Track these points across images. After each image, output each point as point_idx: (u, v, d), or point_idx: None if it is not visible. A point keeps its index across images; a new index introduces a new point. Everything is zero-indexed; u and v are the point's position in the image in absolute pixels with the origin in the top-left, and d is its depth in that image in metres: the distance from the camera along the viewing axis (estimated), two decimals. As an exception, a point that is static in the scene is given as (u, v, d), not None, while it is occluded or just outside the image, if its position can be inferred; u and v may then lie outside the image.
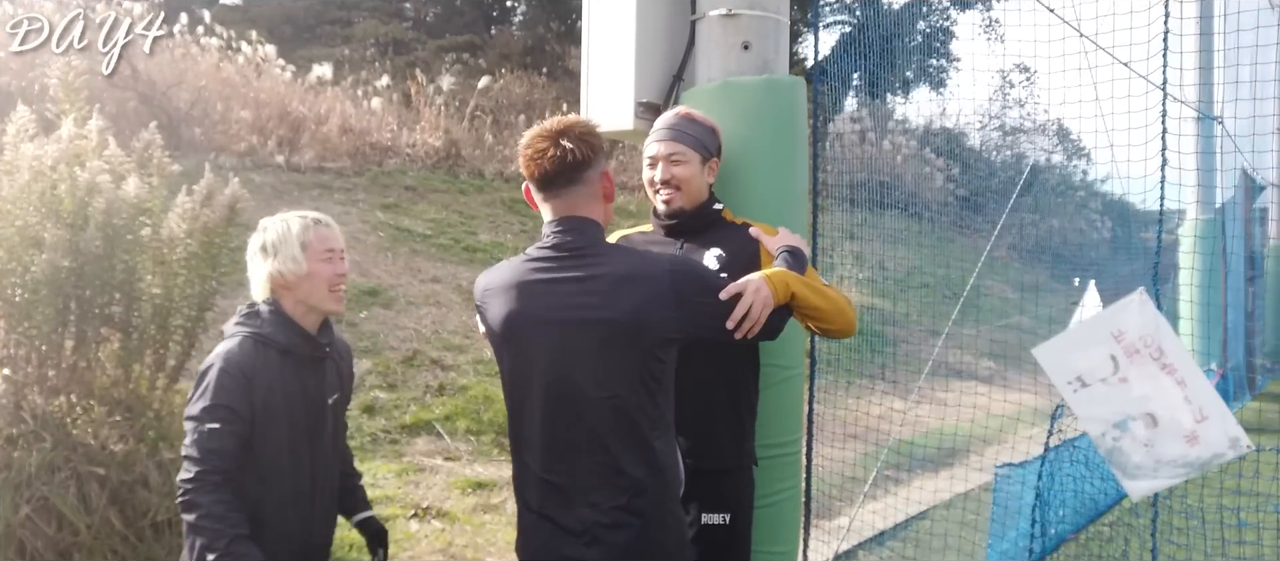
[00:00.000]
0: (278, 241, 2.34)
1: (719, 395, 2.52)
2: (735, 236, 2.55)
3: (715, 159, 2.60)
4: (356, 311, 7.89)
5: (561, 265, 2.13)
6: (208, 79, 10.73)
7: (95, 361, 3.79)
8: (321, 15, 17.37)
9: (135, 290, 3.78)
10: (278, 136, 10.83)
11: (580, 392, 2.10)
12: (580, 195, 2.17)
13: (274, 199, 9.40)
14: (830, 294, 2.33)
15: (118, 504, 3.59)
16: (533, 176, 2.17)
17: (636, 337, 2.07)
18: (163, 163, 3.98)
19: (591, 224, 2.19)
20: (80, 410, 3.71)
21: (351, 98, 12.27)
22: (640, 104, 2.86)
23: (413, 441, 6.31)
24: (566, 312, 2.10)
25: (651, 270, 2.11)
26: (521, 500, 2.22)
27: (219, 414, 2.20)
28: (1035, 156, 16.12)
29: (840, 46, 5.76)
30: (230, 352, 2.28)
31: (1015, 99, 20.53)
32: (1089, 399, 2.34)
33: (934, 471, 6.48)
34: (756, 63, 2.79)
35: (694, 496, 2.46)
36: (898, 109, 17.51)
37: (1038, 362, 2.41)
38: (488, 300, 2.22)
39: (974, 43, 21.63)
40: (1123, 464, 2.32)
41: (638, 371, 2.09)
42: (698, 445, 2.48)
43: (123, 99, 9.19)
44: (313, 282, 2.34)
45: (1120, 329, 2.30)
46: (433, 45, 16.87)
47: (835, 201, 5.45)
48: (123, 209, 3.60)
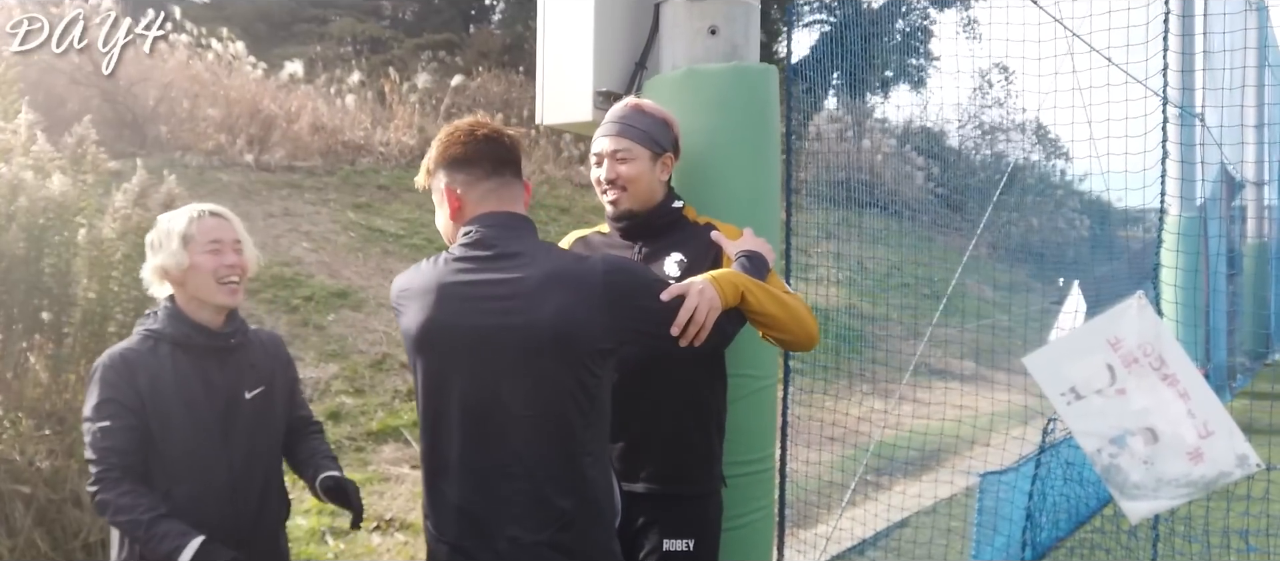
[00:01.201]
0: (162, 236, 2.28)
1: (682, 413, 2.31)
2: (698, 238, 2.34)
3: (669, 154, 2.38)
4: (325, 313, 7.70)
5: (483, 266, 1.92)
6: (175, 76, 10.48)
7: (23, 371, 3.55)
8: (297, 13, 17.14)
9: (67, 294, 3.55)
10: (247, 135, 10.60)
11: (502, 410, 1.88)
12: (512, 189, 2.02)
13: (242, 198, 9.21)
14: (788, 301, 2.12)
15: (44, 524, 3.36)
16: (462, 158, 1.99)
17: (564, 347, 1.86)
18: (97, 159, 3.74)
19: (520, 220, 2.00)
20: (7, 424, 3.48)
21: (324, 96, 12.07)
22: (599, 94, 2.65)
23: (379, 448, 6.12)
24: (486, 319, 1.88)
25: (581, 270, 1.90)
26: (433, 530, 1.99)
27: (107, 409, 2.17)
28: (1014, 155, 16.10)
29: (820, 45, 5.63)
30: (113, 350, 2.26)
31: (994, 98, 20.55)
32: (1084, 412, 2.16)
33: (916, 475, 6.34)
34: (724, 49, 2.58)
35: (654, 522, 2.27)
36: (877, 108, 17.44)
37: (1028, 371, 2.23)
38: (403, 303, 2.00)
39: (953, 42, 21.62)
40: (1120, 482, 2.13)
41: (567, 386, 1.87)
42: (659, 470, 2.29)
43: (86, 96, 8.96)
44: (197, 275, 2.25)
45: (1117, 336, 2.12)
46: (410, 43, 16.70)
47: (813, 200, 5.30)
48: (47, 208, 3.37)
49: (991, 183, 13.53)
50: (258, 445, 2.37)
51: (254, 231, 9.06)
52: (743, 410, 2.50)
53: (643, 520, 2.30)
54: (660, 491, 2.28)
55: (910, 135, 16.63)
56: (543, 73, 2.79)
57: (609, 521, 1.99)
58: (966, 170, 16.57)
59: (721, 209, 2.45)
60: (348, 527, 4.93)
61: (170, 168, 5.35)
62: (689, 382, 2.30)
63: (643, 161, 2.32)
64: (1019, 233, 14.03)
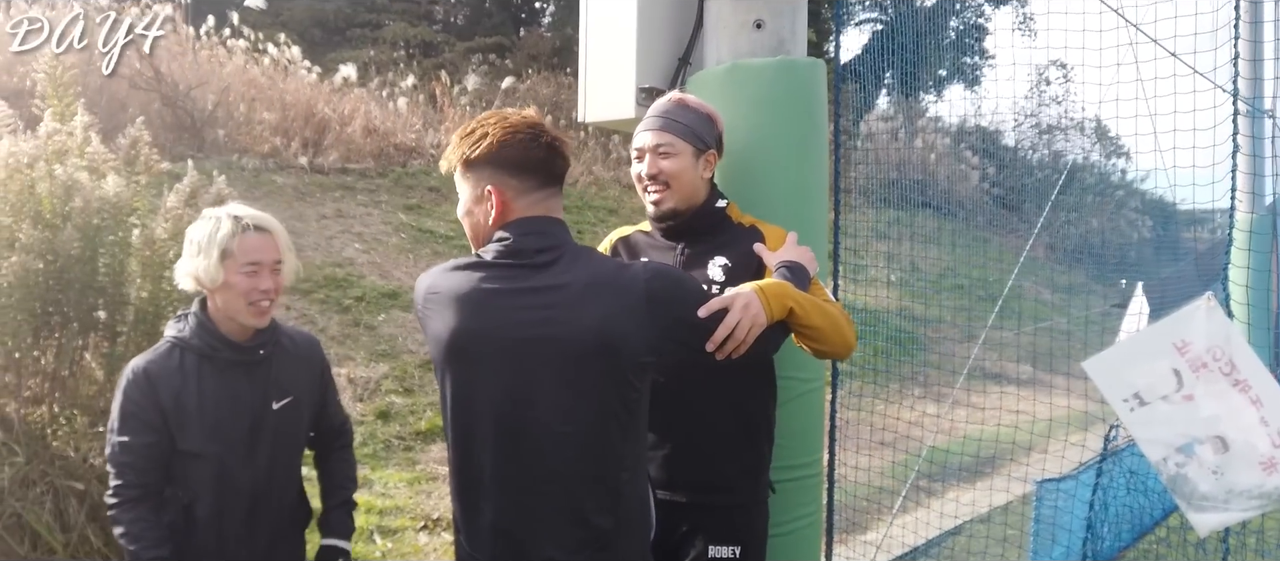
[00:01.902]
0: (204, 241, 2.19)
1: (728, 420, 2.24)
2: (743, 240, 2.27)
3: (713, 151, 2.31)
4: (375, 313, 7.77)
5: (521, 274, 1.82)
6: (233, 80, 10.68)
7: (78, 369, 3.61)
8: (351, 18, 17.41)
9: (121, 293, 3.60)
10: (302, 138, 10.77)
11: (540, 424, 1.79)
12: (557, 200, 1.90)
13: (295, 200, 9.35)
14: (831, 311, 2.04)
15: (97, 520, 3.40)
16: (519, 162, 1.84)
17: (608, 359, 1.77)
18: (150, 160, 3.79)
19: (556, 224, 1.88)
20: (62, 421, 3.54)
21: (377, 99, 12.21)
22: (642, 90, 2.60)
23: (428, 448, 6.15)
24: (525, 330, 1.79)
25: (624, 278, 1.81)
26: (466, 546, 1.90)
27: (128, 425, 2.14)
28: (1073, 155, 15.73)
29: (872, 44, 5.52)
30: (138, 362, 2.21)
31: (1052, 96, 20.10)
32: (1148, 419, 2.07)
33: (969, 482, 6.19)
34: (770, 43, 2.52)
35: (698, 529, 2.21)
36: (931, 107, 17.17)
37: (1088, 375, 2.13)
38: (431, 307, 1.89)
39: (1009, 37, 21.18)
40: (1188, 493, 2.03)
41: (609, 401, 1.78)
42: (704, 478, 2.22)
43: (145, 101, 9.16)
44: (229, 293, 2.19)
45: (1185, 339, 2.02)
46: (461, 47, 16.85)
47: (864, 200, 5.20)
48: (102, 208, 3.41)
49: (1049, 182, 13.24)
50: (281, 456, 2.33)
51: (307, 233, 9.18)
52: (789, 413, 2.43)
53: (686, 527, 2.24)
54: (704, 501, 2.22)
55: (965, 134, 16.34)
56: (585, 69, 2.74)
57: (645, 535, 1.93)
58: (1023, 170, 16.22)
59: (767, 206, 2.38)
60: (394, 527, 4.98)
61: (226, 170, 5.43)
62: (736, 388, 2.23)
63: (686, 157, 2.25)
64: (1078, 233, 13.69)
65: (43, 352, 3.58)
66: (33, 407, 3.55)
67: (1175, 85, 3.91)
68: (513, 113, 1.91)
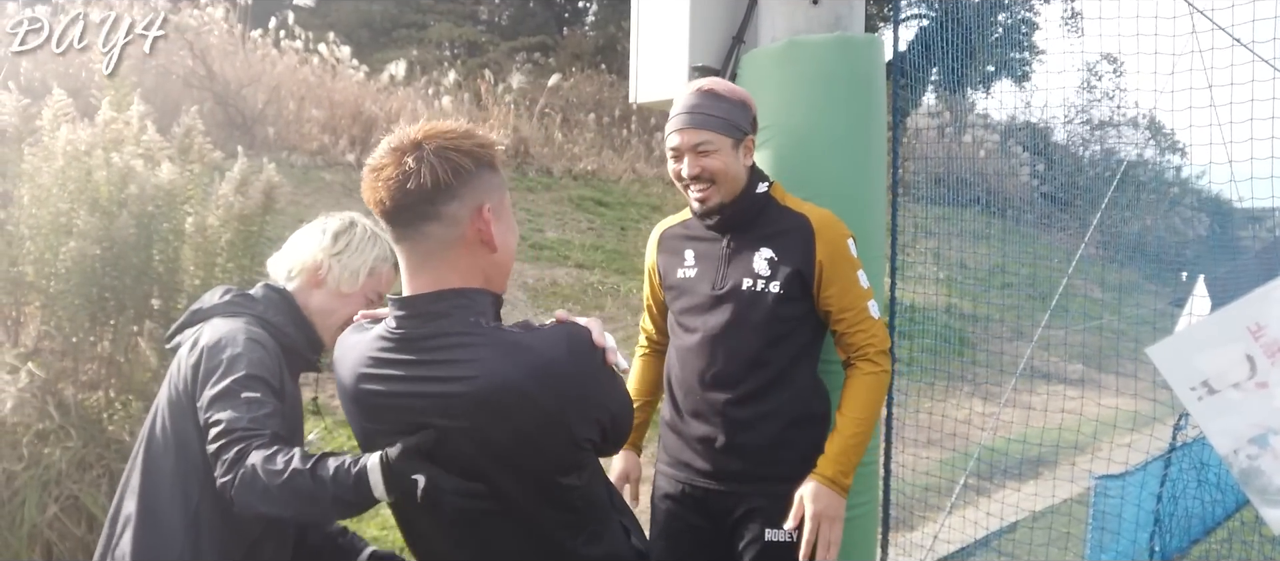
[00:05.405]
0: (356, 244, 2.00)
1: (785, 409, 2.21)
2: (788, 226, 2.20)
3: (750, 136, 2.23)
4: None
5: (405, 365, 1.49)
6: (283, 80, 10.83)
7: (134, 355, 3.65)
8: (398, 19, 17.59)
9: (175, 280, 3.64)
10: (349, 135, 10.88)
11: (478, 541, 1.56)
12: (434, 242, 1.49)
13: (343, 196, 9.44)
14: (869, 417, 2.21)
15: (151, 503, 3.43)
16: (372, 208, 1.53)
17: (529, 472, 1.51)
18: (203, 149, 3.83)
19: (456, 297, 1.49)
20: (118, 406, 3.59)
21: (423, 97, 12.31)
22: (695, 69, 2.55)
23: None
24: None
25: (527, 382, 1.43)
26: None
27: (257, 386, 1.74)
28: (1125, 151, 15.38)
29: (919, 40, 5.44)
30: (252, 330, 1.87)
31: (1104, 91, 19.69)
32: (1218, 408, 1.97)
33: (1021, 480, 6.07)
34: (827, 19, 2.47)
35: (756, 511, 2.19)
36: (979, 103, 16.91)
37: (1152, 361, 2.05)
38: (337, 378, 1.62)
39: (1059, 30, 20.79)
40: (1261, 487, 1.93)
41: (546, 496, 1.54)
42: (759, 468, 2.21)
43: (198, 98, 9.33)
44: (341, 305, 1.98)
45: (1259, 323, 1.92)
46: (505, 46, 16.97)
47: (909, 198, 5.12)
48: (157, 195, 3.45)
49: (1101, 179, 12.96)
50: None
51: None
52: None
53: (744, 509, 2.22)
54: (762, 489, 2.20)
55: (1014, 130, 16.06)
56: (637, 49, 2.70)
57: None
58: (1074, 167, 15.90)
59: (826, 186, 2.33)
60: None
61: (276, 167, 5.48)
62: (791, 378, 2.21)
63: (726, 151, 2.17)
64: (1133, 232, 13.39)
65: (99, 338, 3.63)
66: (89, 392, 3.60)
67: (1232, 76, 3.79)
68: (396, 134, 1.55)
